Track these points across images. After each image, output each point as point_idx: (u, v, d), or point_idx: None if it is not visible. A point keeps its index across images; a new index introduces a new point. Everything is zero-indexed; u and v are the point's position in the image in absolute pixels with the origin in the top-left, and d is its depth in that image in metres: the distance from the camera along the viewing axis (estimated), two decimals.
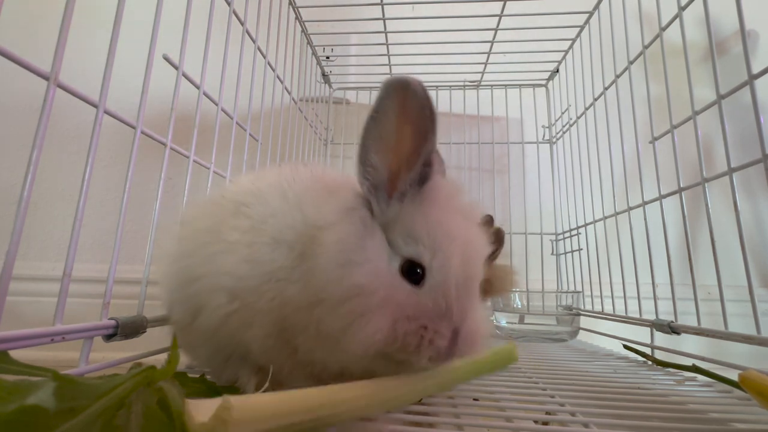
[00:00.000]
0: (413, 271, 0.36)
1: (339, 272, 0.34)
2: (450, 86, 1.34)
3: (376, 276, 0.34)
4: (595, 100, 1.00)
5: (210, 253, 0.40)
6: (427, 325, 0.35)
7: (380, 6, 1.01)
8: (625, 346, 0.78)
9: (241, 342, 0.40)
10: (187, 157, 0.62)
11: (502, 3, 0.99)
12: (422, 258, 0.36)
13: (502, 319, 1.06)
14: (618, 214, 0.91)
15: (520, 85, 1.33)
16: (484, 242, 0.40)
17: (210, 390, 0.40)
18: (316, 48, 1.22)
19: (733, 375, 0.45)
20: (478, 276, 0.38)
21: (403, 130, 0.35)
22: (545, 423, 0.38)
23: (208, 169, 0.69)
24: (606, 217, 0.97)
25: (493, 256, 0.43)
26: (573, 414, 0.40)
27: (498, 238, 0.82)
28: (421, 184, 0.37)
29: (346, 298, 0.34)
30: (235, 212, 0.42)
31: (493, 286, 0.86)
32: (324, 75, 1.31)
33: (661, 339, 0.71)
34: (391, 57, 1.21)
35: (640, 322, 0.76)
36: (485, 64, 1.22)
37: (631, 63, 0.85)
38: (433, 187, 0.38)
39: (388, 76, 1.24)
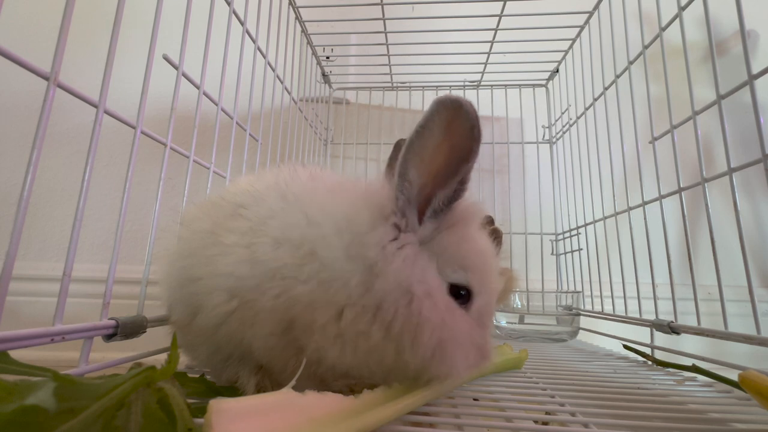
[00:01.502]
0: (458, 293, 0.39)
1: (403, 304, 0.35)
2: (450, 86, 1.34)
3: (444, 310, 0.37)
4: (595, 100, 1.00)
5: (209, 255, 0.40)
6: (485, 345, 0.40)
7: (380, 6, 1.01)
8: (625, 346, 0.78)
9: (242, 341, 0.40)
10: (187, 157, 0.62)
11: (502, 3, 0.99)
12: (471, 285, 0.39)
13: (502, 319, 1.06)
14: (618, 214, 0.91)
15: (520, 85, 1.33)
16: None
17: (210, 390, 0.41)
18: (316, 48, 1.22)
19: (733, 375, 0.45)
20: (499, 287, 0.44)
21: (444, 149, 0.36)
22: (545, 423, 0.38)
23: (208, 169, 0.69)
24: (606, 217, 0.97)
25: None
26: (573, 414, 0.40)
27: (496, 238, 0.82)
28: (454, 201, 0.38)
29: (418, 331, 0.35)
30: (232, 214, 0.42)
31: None
32: (324, 75, 1.31)
33: (661, 339, 0.71)
34: (391, 57, 1.21)
35: (639, 322, 0.76)
36: (485, 64, 1.22)
37: (631, 63, 0.85)
38: (466, 207, 0.39)
39: (388, 76, 1.23)
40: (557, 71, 1.26)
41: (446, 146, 0.35)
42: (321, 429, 0.29)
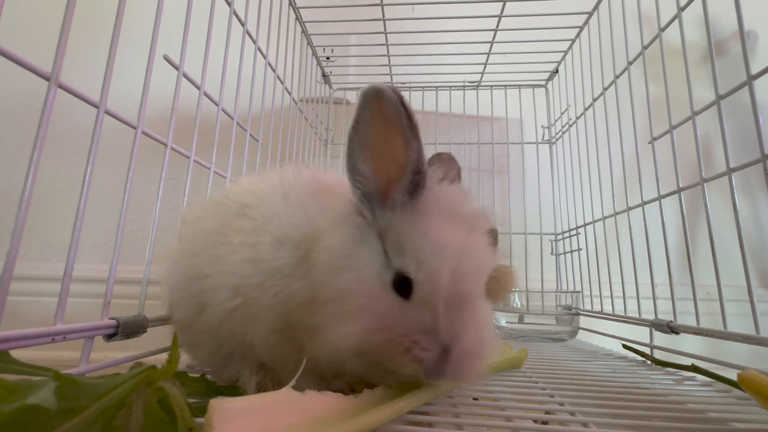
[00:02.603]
0: (402, 284, 0.35)
1: (330, 276, 0.35)
2: (450, 86, 1.35)
3: (359, 283, 0.35)
4: (595, 100, 1.00)
5: (215, 254, 0.41)
6: (408, 337, 0.34)
7: (380, 6, 1.01)
8: (625, 346, 0.78)
9: (244, 338, 0.40)
10: (188, 158, 0.62)
11: (501, 3, 0.99)
12: (408, 270, 0.34)
13: (502, 319, 1.06)
14: (617, 214, 0.91)
15: (519, 86, 1.33)
16: (487, 254, 0.38)
17: (210, 389, 0.41)
18: (316, 48, 1.22)
19: (732, 375, 0.46)
20: (474, 291, 0.36)
21: (388, 139, 0.35)
22: (545, 422, 0.38)
23: (209, 169, 0.69)
24: (605, 218, 0.97)
25: None
26: (572, 413, 0.40)
27: (492, 238, 0.82)
28: (414, 192, 0.36)
29: (329, 301, 0.35)
30: (238, 214, 0.43)
31: (491, 288, 0.86)
32: (324, 75, 1.31)
33: (661, 339, 0.72)
34: (391, 57, 1.21)
35: (639, 321, 0.77)
36: (485, 64, 1.22)
37: (630, 63, 0.85)
38: (429, 195, 0.37)
39: (388, 76, 1.23)
40: (557, 72, 1.26)
41: (386, 135, 0.35)
42: (321, 429, 0.29)
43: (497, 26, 1.06)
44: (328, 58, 1.28)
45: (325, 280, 0.35)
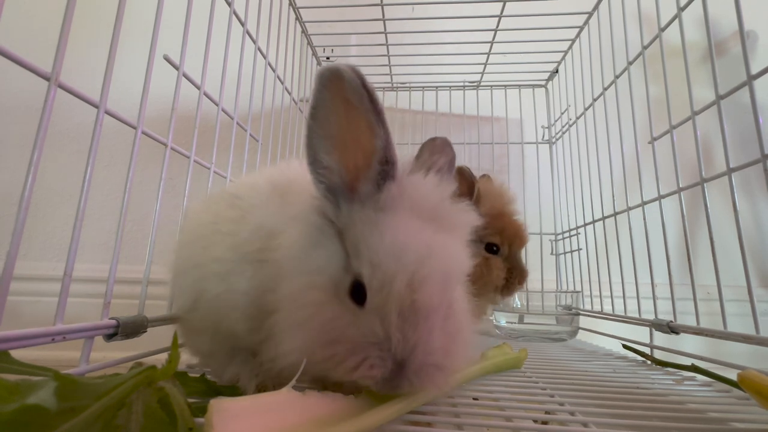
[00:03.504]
0: (358, 291, 0.31)
1: (284, 277, 0.35)
2: (450, 86, 1.34)
3: (306, 291, 0.33)
4: (595, 100, 1.00)
5: (208, 243, 0.43)
6: (355, 350, 0.31)
7: (380, 6, 1.01)
8: (625, 346, 0.78)
9: (230, 327, 0.41)
10: (188, 158, 0.62)
11: (501, 3, 0.99)
12: (362, 275, 0.31)
13: (502, 319, 1.06)
14: (617, 214, 0.91)
15: (519, 86, 1.33)
16: (457, 255, 0.34)
17: (210, 389, 0.41)
18: (316, 48, 1.22)
19: (732, 375, 0.46)
20: (437, 298, 0.32)
21: (351, 125, 0.32)
22: (545, 422, 0.38)
23: (209, 169, 0.69)
24: (605, 217, 0.97)
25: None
26: (572, 413, 0.40)
27: (467, 188, 0.76)
28: (382, 185, 0.33)
29: (280, 308, 0.34)
30: (230, 204, 0.45)
31: (509, 239, 0.88)
32: None
33: (661, 339, 0.72)
34: (390, 57, 1.21)
35: (639, 321, 0.77)
36: (485, 64, 1.23)
37: (630, 63, 0.85)
38: (396, 188, 0.33)
39: (388, 76, 1.22)
40: (557, 72, 1.26)
41: (349, 121, 0.32)
42: (321, 429, 0.29)
43: (497, 26, 1.06)
44: (328, 58, 1.28)
45: (280, 283, 0.35)
